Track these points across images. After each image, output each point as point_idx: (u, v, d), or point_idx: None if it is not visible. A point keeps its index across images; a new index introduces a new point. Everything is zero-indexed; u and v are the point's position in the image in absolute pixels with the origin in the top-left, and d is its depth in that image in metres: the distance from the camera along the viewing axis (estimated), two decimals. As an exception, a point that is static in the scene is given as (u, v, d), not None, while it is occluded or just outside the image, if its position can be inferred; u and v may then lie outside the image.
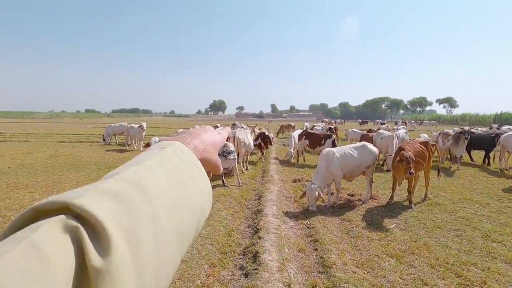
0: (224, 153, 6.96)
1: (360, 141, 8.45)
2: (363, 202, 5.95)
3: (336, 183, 5.75)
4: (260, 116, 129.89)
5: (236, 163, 7.29)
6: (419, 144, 5.91)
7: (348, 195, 6.42)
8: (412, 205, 5.71)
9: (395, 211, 5.53)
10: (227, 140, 8.55)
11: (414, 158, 5.25)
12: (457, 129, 10.13)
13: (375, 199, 6.24)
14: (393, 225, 4.81)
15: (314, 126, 16.49)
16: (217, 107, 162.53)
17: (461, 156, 10.09)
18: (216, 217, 5.02)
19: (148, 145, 7.11)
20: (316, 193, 5.23)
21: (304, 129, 14.13)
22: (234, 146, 8.23)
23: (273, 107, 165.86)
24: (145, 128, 14.51)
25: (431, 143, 6.22)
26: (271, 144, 12.29)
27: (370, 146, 6.10)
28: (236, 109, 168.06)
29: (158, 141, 0.49)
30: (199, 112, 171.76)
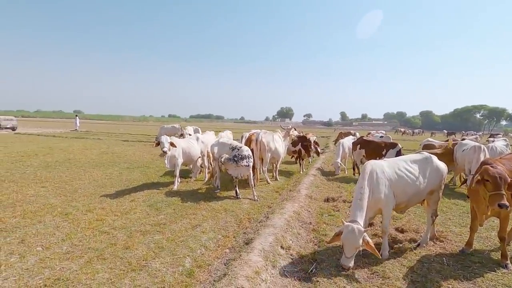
0: (235, 158, 5.68)
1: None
2: (418, 245, 3.88)
3: (384, 217, 3.61)
4: (328, 124, 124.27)
5: (250, 171, 5.91)
6: (523, 161, 3.56)
7: (396, 229, 4.38)
8: (508, 262, 3.41)
9: (473, 269, 3.35)
10: (249, 144, 7.29)
11: (509, 180, 3.05)
12: None
13: (441, 241, 4.06)
14: (464, 299, 2.76)
15: (370, 133, 13.82)
16: (284, 114, 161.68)
17: None
18: (191, 241, 3.76)
19: (158, 144, 6.33)
20: (360, 240, 3.08)
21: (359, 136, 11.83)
22: (257, 150, 6.88)
23: (343, 115, 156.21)
24: (186, 134, 14.54)
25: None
26: (316, 152, 10.49)
27: (436, 159, 4.00)
28: (304, 116, 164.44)
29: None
30: (267, 119, 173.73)
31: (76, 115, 31.02)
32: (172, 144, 6.42)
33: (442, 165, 3.98)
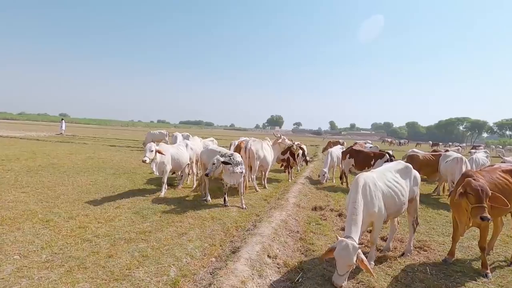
0: (230, 163, 5.58)
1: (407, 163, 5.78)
2: (403, 255, 3.94)
3: (374, 229, 3.58)
4: (318, 133, 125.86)
5: (242, 179, 5.89)
6: (501, 173, 3.70)
7: (381, 238, 4.44)
8: (488, 271, 3.50)
9: (455, 278, 3.42)
10: (238, 152, 7.27)
11: (490, 193, 3.16)
12: None
13: (425, 250, 4.15)
14: (446, 309, 2.81)
15: (356, 142, 14.07)
16: (275, 122, 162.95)
17: None
18: (177, 250, 3.69)
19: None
20: (355, 258, 2.91)
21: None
22: (246, 158, 6.88)
23: (332, 124, 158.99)
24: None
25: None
26: (305, 160, 10.62)
27: (412, 168, 4.13)
28: (293, 124, 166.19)
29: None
30: (257, 126, 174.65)
31: (62, 119, 30.32)
32: (159, 152, 6.32)
33: (417, 173, 4.15)
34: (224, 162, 5.53)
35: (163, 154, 6.35)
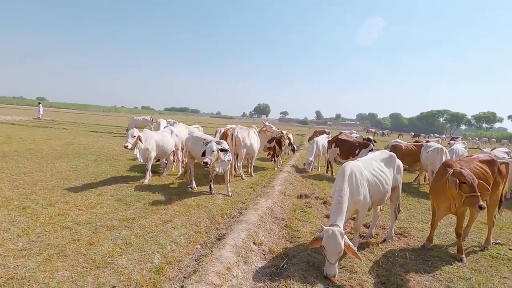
0: (227, 150, 5.47)
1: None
2: (384, 241, 4.06)
3: (359, 216, 3.65)
4: (304, 122, 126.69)
5: (229, 166, 5.83)
6: (478, 163, 3.83)
7: (364, 225, 4.54)
8: (463, 256, 3.67)
9: (433, 263, 3.57)
10: (224, 139, 7.17)
11: (477, 181, 3.25)
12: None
13: (405, 237, 4.29)
14: (423, 292, 2.92)
15: (342, 132, 14.28)
16: (261, 110, 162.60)
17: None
18: (161, 237, 3.64)
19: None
20: (342, 244, 2.93)
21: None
22: (232, 146, 6.81)
23: (318, 114, 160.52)
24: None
25: (500, 161, 4.08)
26: (292, 149, 10.67)
27: (396, 157, 4.23)
28: (280, 113, 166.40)
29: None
30: (243, 114, 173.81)
31: (39, 103, 28.74)
32: (139, 139, 6.12)
33: (401, 162, 4.25)
34: (221, 150, 5.42)
35: (141, 142, 6.15)
